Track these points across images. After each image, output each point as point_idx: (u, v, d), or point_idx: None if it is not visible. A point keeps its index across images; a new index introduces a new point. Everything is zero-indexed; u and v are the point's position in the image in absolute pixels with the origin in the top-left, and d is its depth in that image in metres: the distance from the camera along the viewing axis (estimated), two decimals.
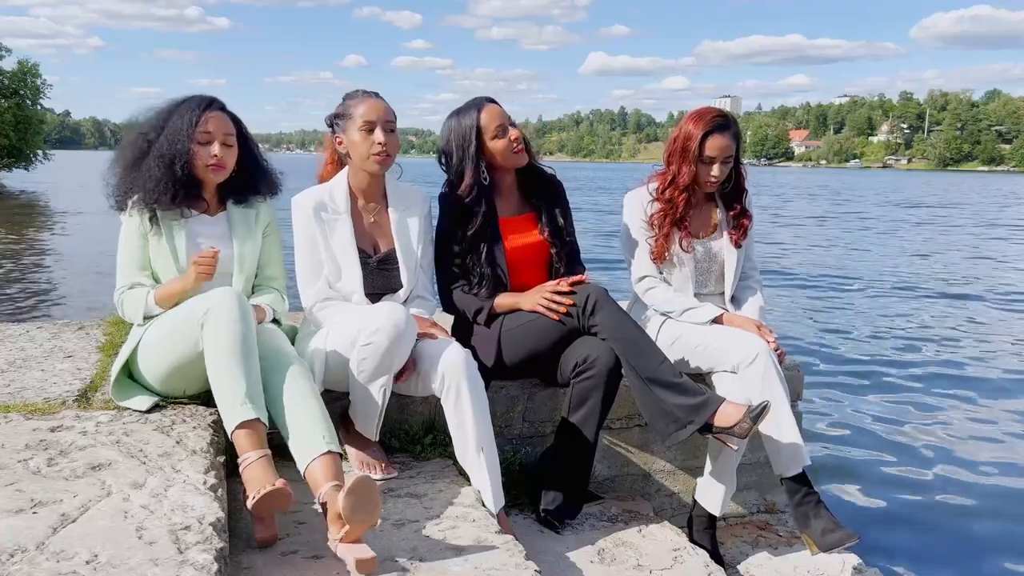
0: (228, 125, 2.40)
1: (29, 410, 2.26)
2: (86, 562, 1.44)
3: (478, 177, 2.63)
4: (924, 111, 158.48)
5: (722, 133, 2.74)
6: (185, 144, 2.32)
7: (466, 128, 2.63)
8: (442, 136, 2.73)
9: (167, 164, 2.31)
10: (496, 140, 2.63)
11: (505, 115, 2.66)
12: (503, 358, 2.64)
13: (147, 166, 2.33)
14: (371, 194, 2.58)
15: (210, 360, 2.03)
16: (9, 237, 17.08)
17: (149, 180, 2.32)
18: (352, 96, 2.53)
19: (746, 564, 2.79)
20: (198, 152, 2.35)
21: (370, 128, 2.45)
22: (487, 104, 2.67)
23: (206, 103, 2.38)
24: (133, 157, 2.37)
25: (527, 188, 2.81)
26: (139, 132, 2.39)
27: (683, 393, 2.42)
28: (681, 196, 2.79)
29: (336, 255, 2.50)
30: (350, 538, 1.79)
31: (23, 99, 37.02)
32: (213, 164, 2.36)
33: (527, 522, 2.53)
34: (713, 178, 2.77)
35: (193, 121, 2.33)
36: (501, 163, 2.68)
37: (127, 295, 2.34)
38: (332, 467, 1.92)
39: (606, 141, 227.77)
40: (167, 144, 2.32)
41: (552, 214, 2.78)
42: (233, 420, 1.95)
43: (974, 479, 4.52)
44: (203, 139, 2.35)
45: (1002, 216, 28.23)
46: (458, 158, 2.65)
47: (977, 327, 9.00)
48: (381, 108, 2.48)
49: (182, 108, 2.37)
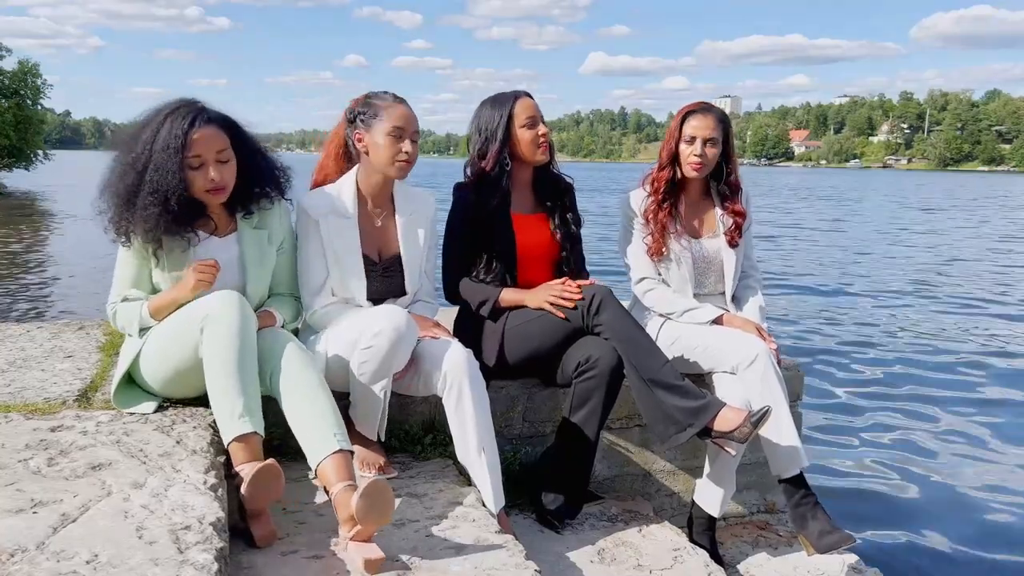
0: (219, 139, 2.20)
1: (29, 410, 2.26)
2: (86, 562, 1.44)
3: (501, 159, 2.67)
4: (924, 111, 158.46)
5: (703, 114, 2.79)
6: (176, 176, 2.14)
7: (498, 113, 2.69)
8: (473, 119, 2.77)
9: (161, 201, 2.14)
10: (525, 129, 2.68)
11: (538, 111, 2.73)
12: (505, 356, 2.64)
13: (141, 203, 2.15)
14: (379, 198, 2.57)
15: (208, 371, 2.03)
16: (10, 237, 17.09)
17: (147, 220, 2.15)
18: (381, 97, 2.48)
19: (746, 564, 2.79)
20: (193, 178, 2.18)
21: (400, 135, 2.42)
22: (523, 96, 2.73)
23: (189, 120, 2.16)
24: (126, 191, 2.17)
25: (541, 189, 2.83)
26: (126, 162, 2.19)
27: (684, 396, 2.42)
28: (662, 175, 2.81)
29: (341, 259, 2.48)
30: (361, 537, 1.80)
31: (23, 99, 36.98)
32: (211, 188, 2.21)
33: (527, 522, 2.54)
34: (695, 158, 2.76)
35: (178, 147, 2.13)
36: (524, 154, 2.71)
37: (120, 307, 2.28)
38: (344, 466, 1.92)
39: (606, 141, 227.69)
40: (157, 178, 2.13)
41: (564, 218, 2.82)
42: (230, 433, 1.96)
43: (974, 479, 4.53)
44: (195, 163, 2.17)
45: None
46: (485, 138, 2.70)
47: (980, 329, 8.99)
48: (412, 117, 2.46)
49: (164, 128, 2.15)
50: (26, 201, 29.75)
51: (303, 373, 2.08)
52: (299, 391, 2.05)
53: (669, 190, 2.83)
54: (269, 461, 1.90)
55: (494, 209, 2.68)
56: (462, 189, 2.75)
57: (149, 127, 2.19)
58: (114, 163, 2.26)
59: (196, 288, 2.17)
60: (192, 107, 2.22)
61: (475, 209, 2.68)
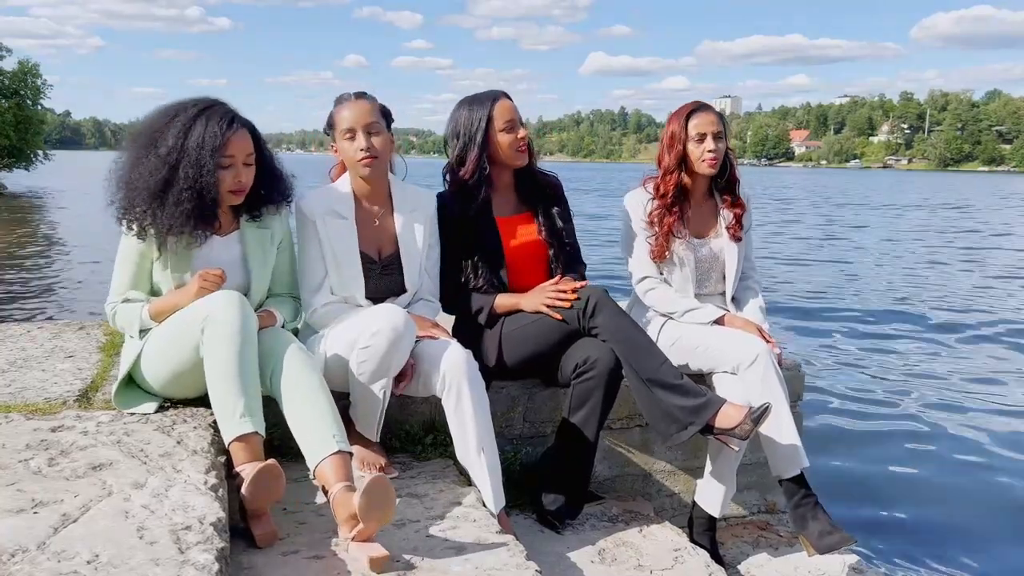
0: (248, 143, 2.27)
1: (30, 410, 2.26)
2: (87, 562, 1.44)
3: (480, 164, 2.64)
4: (924, 111, 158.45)
5: (705, 111, 2.80)
6: (212, 174, 2.18)
7: (477, 116, 2.65)
8: (451, 120, 2.73)
9: (196, 197, 2.17)
10: (503, 133, 2.65)
11: (517, 113, 2.69)
12: (504, 359, 2.64)
13: (175, 198, 2.17)
14: (375, 197, 2.57)
15: (209, 371, 2.03)
16: (10, 237, 17.09)
17: (178, 215, 2.17)
18: (338, 101, 2.50)
19: (746, 564, 2.79)
20: (223, 178, 2.22)
21: (352, 136, 2.44)
22: (502, 98, 2.69)
23: (228, 120, 2.22)
24: (156, 185, 2.17)
25: (524, 190, 2.81)
26: (157, 154, 2.19)
27: (684, 394, 2.42)
28: (671, 179, 2.80)
29: (339, 259, 2.49)
30: (362, 536, 1.80)
31: (23, 99, 36.99)
32: (235, 189, 2.26)
33: (528, 522, 2.54)
34: (710, 154, 2.75)
35: (216, 146, 2.17)
36: (503, 158, 2.68)
37: (120, 308, 2.28)
38: (343, 467, 1.93)
39: (606, 141, 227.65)
40: (194, 174, 2.16)
41: (549, 214, 2.78)
42: (231, 434, 1.97)
43: (974, 480, 4.53)
44: (226, 163, 2.22)
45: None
46: (463, 143, 2.66)
47: (982, 329, 8.99)
48: (359, 112, 2.44)
49: (199, 125, 2.19)
50: (26, 201, 29.74)
51: (303, 374, 2.08)
52: (299, 392, 2.05)
53: (677, 194, 2.82)
54: (270, 461, 1.90)
55: (476, 214, 2.66)
56: (444, 198, 2.71)
57: (176, 122, 2.20)
58: (134, 156, 2.25)
59: (199, 295, 2.17)
60: (226, 108, 2.27)
61: (458, 217, 2.66)
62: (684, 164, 2.81)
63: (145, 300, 2.27)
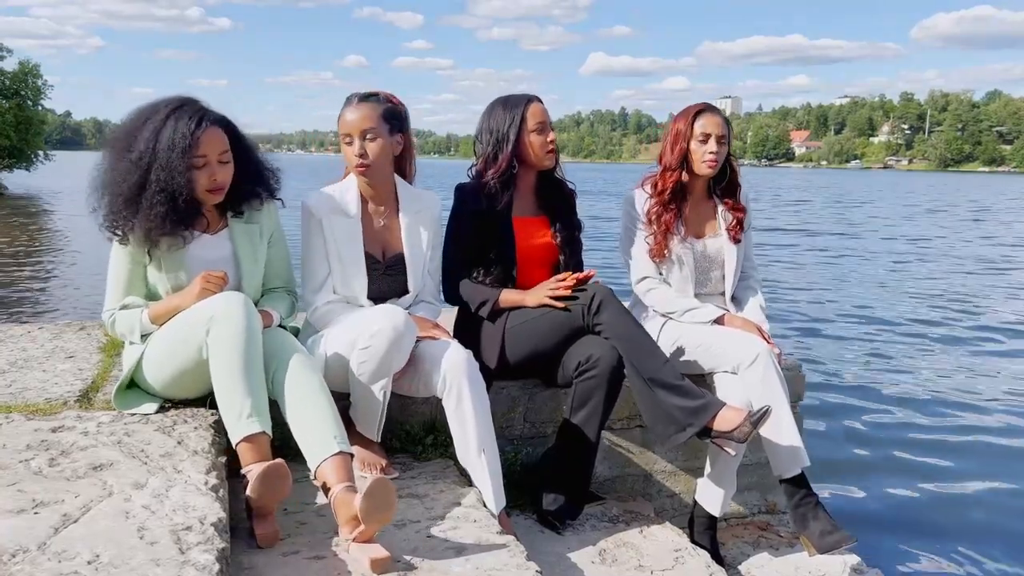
0: (222, 141, 2.24)
1: (31, 410, 2.26)
2: (87, 562, 1.44)
3: (511, 162, 2.68)
4: (925, 112, 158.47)
5: (712, 113, 2.82)
6: (183, 176, 2.16)
7: (511, 115, 2.70)
8: (484, 118, 2.77)
9: (169, 200, 2.16)
10: (535, 134, 2.70)
11: (547, 116, 2.75)
12: (506, 356, 2.64)
13: (148, 202, 2.16)
14: (381, 197, 2.58)
15: (215, 371, 2.03)
16: (10, 237, 17.10)
17: (152, 219, 2.16)
18: (346, 102, 2.50)
19: (747, 564, 2.79)
20: (196, 177, 2.21)
21: (348, 141, 2.46)
22: (535, 100, 2.75)
23: (196, 120, 2.18)
24: (130, 190, 2.17)
25: (544, 193, 2.84)
26: (128, 160, 2.18)
27: (684, 395, 2.42)
28: (671, 177, 2.81)
29: (343, 259, 2.50)
30: (363, 538, 1.80)
31: (24, 100, 36.97)
32: (212, 188, 2.24)
33: (528, 522, 2.54)
34: (711, 155, 2.77)
35: (186, 147, 2.15)
36: (532, 159, 2.73)
37: (119, 314, 2.28)
38: (343, 468, 1.93)
39: (607, 142, 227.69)
40: (165, 177, 2.15)
41: (565, 221, 2.83)
42: (238, 434, 1.96)
43: (975, 480, 4.52)
44: (199, 163, 2.20)
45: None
46: (495, 140, 2.71)
47: (985, 329, 8.99)
48: (357, 116, 2.44)
49: (168, 126, 2.16)
50: (27, 202, 29.75)
51: (303, 375, 2.08)
52: (299, 393, 2.05)
53: (675, 192, 2.83)
54: (277, 461, 1.90)
55: (497, 211, 2.69)
56: (465, 190, 2.75)
57: (148, 125, 2.19)
58: (110, 161, 2.25)
59: (200, 297, 2.17)
60: (196, 107, 2.23)
61: (478, 210, 2.68)
62: (685, 163, 2.82)
63: (143, 305, 2.27)
